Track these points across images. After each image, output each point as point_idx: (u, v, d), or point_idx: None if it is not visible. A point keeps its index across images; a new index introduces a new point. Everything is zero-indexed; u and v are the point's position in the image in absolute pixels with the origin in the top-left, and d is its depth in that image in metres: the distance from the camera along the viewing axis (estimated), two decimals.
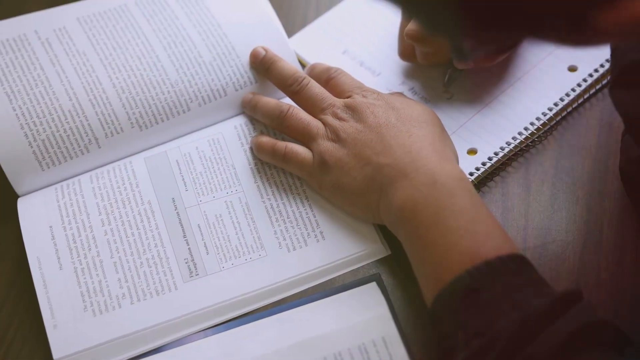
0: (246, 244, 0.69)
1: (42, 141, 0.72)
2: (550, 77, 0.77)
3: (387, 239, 0.69)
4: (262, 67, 0.77)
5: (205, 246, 0.69)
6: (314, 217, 0.70)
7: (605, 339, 0.54)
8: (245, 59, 0.77)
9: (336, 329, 0.64)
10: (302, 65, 0.80)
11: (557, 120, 0.75)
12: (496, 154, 0.73)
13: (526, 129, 0.74)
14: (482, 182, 0.72)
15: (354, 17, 0.84)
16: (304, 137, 0.71)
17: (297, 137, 0.72)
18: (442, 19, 0.46)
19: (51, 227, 0.70)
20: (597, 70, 0.76)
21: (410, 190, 0.63)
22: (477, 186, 0.72)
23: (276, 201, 0.71)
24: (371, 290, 0.66)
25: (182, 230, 0.70)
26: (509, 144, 0.73)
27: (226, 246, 0.69)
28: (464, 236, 0.59)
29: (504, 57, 0.76)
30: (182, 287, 0.67)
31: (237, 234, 0.70)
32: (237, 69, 0.77)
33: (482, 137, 0.74)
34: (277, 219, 0.70)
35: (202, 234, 0.70)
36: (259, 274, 0.68)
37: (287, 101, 0.75)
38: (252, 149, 0.74)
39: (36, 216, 0.71)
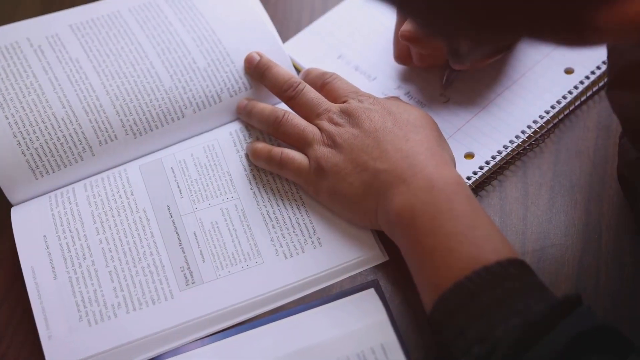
0: (242, 251, 0.69)
1: (36, 149, 0.72)
2: (546, 79, 0.76)
3: (385, 244, 0.68)
4: (257, 72, 0.76)
5: (201, 254, 0.69)
6: (311, 224, 0.70)
7: (606, 343, 0.53)
8: (239, 64, 0.77)
9: (334, 337, 0.63)
10: (297, 70, 0.79)
11: (555, 123, 0.75)
12: (494, 157, 0.72)
13: (523, 132, 0.73)
14: (480, 187, 0.72)
15: (349, 22, 0.83)
16: (300, 142, 0.71)
17: (293, 143, 0.72)
18: (438, 20, 0.46)
19: (45, 236, 0.70)
20: (593, 72, 0.76)
21: (408, 195, 0.62)
22: (475, 190, 0.71)
23: (272, 208, 0.71)
24: (369, 296, 0.66)
25: (178, 238, 0.69)
26: (506, 147, 0.73)
27: (222, 254, 0.69)
28: (462, 241, 0.59)
29: (499, 57, 0.75)
30: (179, 295, 0.67)
31: (233, 241, 0.69)
32: (232, 74, 0.77)
33: (479, 140, 0.73)
34: (273, 226, 0.70)
35: (198, 242, 0.69)
36: (255, 281, 0.67)
37: (283, 107, 0.75)
38: (247, 155, 0.74)
39: (30, 225, 0.70)
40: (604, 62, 0.76)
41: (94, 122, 0.73)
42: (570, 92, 0.75)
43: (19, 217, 0.71)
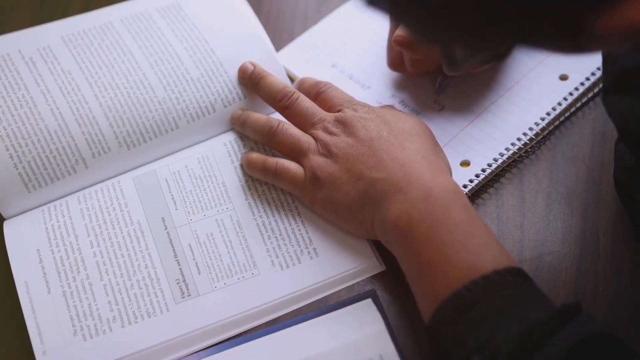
0: (238, 262, 0.68)
1: (28, 162, 0.71)
2: (541, 86, 0.76)
3: (382, 254, 0.68)
4: (251, 82, 0.76)
5: (196, 266, 0.68)
6: (307, 234, 0.69)
7: (608, 351, 0.53)
8: (233, 74, 0.77)
9: (332, 348, 0.63)
10: (291, 79, 0.79)
11: (550, 129, 0.74)
12: (489, 165, 0.72)
13: (519, 139, 0.73)
14: (476, 195, 0.71)
15: (342, 30, 0.83)
16: (295, 152, 0.70)
17: (287, 153, 0.71)
18: (434, 27, 0.45)
19: (39, 250, 0.69)
20: (588, 78, 0.76)
21: (404, 204, 0.62)
22: (472, 198, 0.71)
23: (268, 218, 0.70)
24: (367, 307, 0.65)
25: (173, 250, 0.69)
26: (502, 155, 0.72)
27: (218, 265, 0.68)
28: (460, 250, 0.59)
29: (494, 64, 0.75)
30: (174, 308, 0.66)
31: (228, 253, 0.69)
32: (226, 84, 0.76)
33: (474, 148, 0.73)
34: (269, 237, 0.69)
35: (193, 254, 0.69)
36: (252, 293, 0.67)
37: (277, 116, 0.74)
38: (242, 165, 0.73)
39: (23, 239, 0.70)
40: (598, 68, 0.76)
41: (87, 134, 0.73)
42: (565, 99, 0.75)
43: (12, 231, 0.70)
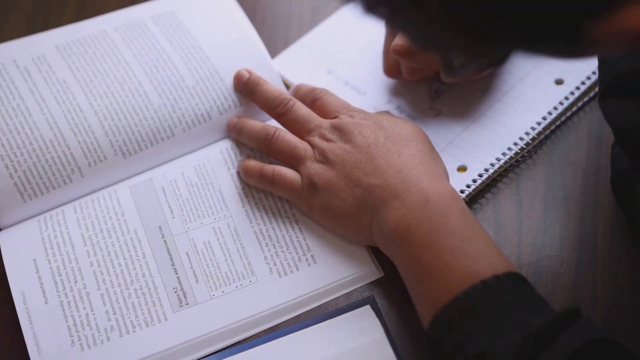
0: (236, 270, 0.68)
1: (24, 172, 0.71)
2: (537, 90, 0.76)
3: (380, 260, 0.68)
4: (247, 89, 0.76)
5: (194, 274, 0.68)
6: (305, 241, 0.69)
7: (607, 356, 0.53)
8: (228, 82, 0.76)
9: (331, 355, 0.63)
10: (287, 86, 0.79)
11: (546, 134, 0.74)
12: (486, 170, 0.72)
13: (515, 144, 0.73)
14: (474, 200, 0.71)
15: (338, 36, 0.83)
16: (292, 159, 0.70)
17: (284, 159, 0.71)
18: (432, 34, 0.45)
19: (35, 260, 0.68)
20: (584, 82, 0.76)
21: (402, 210, 0.62)
22: (469, 203, 0.71)
23: (265, 226, 0.70)
24: (365, 313, 0.65)
25: (170, 258, 0.68)
26: (499, 159, 0.72)
27: (216, 273, 0.68)
28: (459, 256, 0.58)
29: (491, 70, 0.75)
30: (172, 317, 0.66)
31: (226, 261, 0.68)
32: (221, 92, 0.76)
33: (471, 153, 0.73)
34: (267, 244, 0.69)
35: (190, 262, 0.68)
36: (250, 300, 0.66)
37: (273, 123, 0.74)
38: (239, 173, 0.73)
39: (19, 249, 0.69)
40: (594, 73, 0.76)
41: (83, 143, 0.72)
42: (561, 103, 0.75)
43: (8, 241, 0.70)
